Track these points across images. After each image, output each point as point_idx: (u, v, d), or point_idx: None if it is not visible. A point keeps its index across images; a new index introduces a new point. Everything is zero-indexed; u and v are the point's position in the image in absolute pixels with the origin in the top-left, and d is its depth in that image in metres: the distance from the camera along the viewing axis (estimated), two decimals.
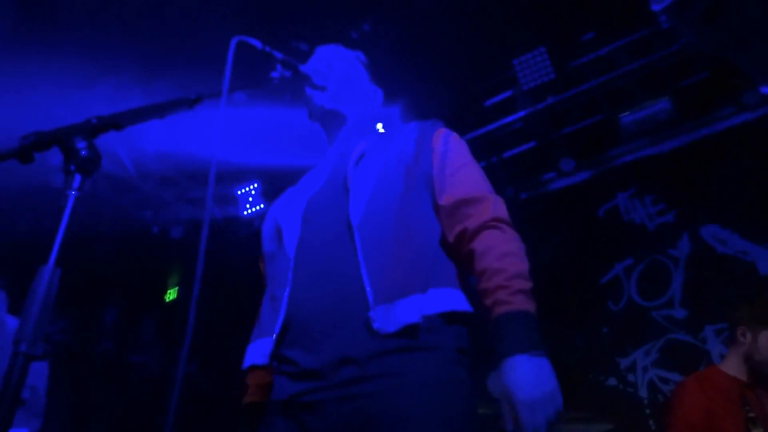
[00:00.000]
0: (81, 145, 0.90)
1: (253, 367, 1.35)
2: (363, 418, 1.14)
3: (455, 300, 1.27)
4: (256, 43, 1.37)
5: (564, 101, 4.47)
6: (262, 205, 5.30)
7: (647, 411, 3.93)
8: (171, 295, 6.30)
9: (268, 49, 1.40)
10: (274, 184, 5.23)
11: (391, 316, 1.18)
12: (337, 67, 1.64)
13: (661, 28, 3.96)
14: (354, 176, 1.41)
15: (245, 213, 5.37)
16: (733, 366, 2.57)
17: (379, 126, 1.71)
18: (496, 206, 1.35)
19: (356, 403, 1.16)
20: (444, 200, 1.38)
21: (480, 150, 4.79)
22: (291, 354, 1.27)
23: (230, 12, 3.54)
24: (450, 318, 1.25)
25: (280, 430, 1.24)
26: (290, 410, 1.24)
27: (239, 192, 5.39)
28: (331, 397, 1.18)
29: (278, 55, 1.42)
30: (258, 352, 1.35)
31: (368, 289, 1.22)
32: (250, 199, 5.35)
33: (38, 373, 3.23)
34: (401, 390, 1.14)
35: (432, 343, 1.20)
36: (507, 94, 4.68)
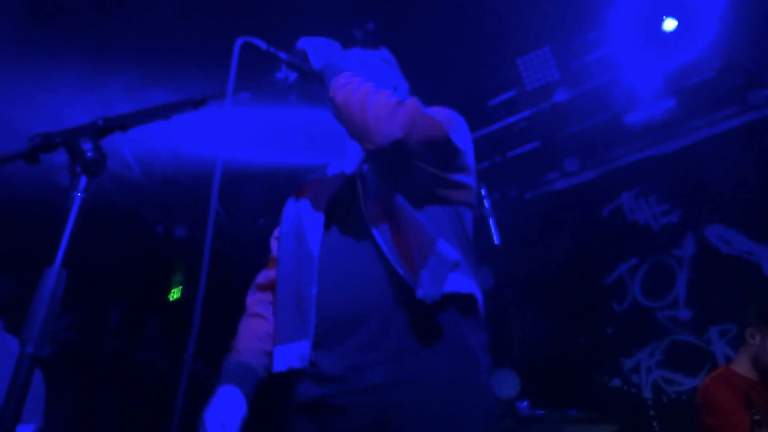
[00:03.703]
0: (87, 146, 0.90)
1: (289, 371, 1.32)
2: (384, 422, 1.17)
3: (467, 284, 1.30)
4: (261, 44, 1.37)
5: (568, 101, 4.46)
6: (264, 205, 5.32)
7: (651, 412, 3.92)
8: (175, 293, 6.32)
9: (272, 50, 1.40)
10: (278, 184, 5.24)
11: (438, 283, 1.19)
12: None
13: None
14: (363, 175, 1.44)
15: (248, 212, 5.39)
16: (743, 366, 2.58)
17: None
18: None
19: (378, 409, 1.18)
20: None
21: (484, 149, 4.78)
22: (315, 356, 1.29)
23: (235, 12, 3.55)
24: (466, 303, 1.28)
25: (303, 430, 1.28)
26: (313, 412, 1.27)
27: (243, 191, 5.41)
28: (354, 403, 1.21)
29: (283, 56, 1.43)
30: (293, 354, 1.32)
31: (402, 272, 1.23)
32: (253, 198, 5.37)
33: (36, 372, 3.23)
34: (422, 398, 1.16)
35: (454, 342, 1.22)
36: (511, 93, 4.67)
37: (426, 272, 1.20)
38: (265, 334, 1.49)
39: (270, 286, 1.59)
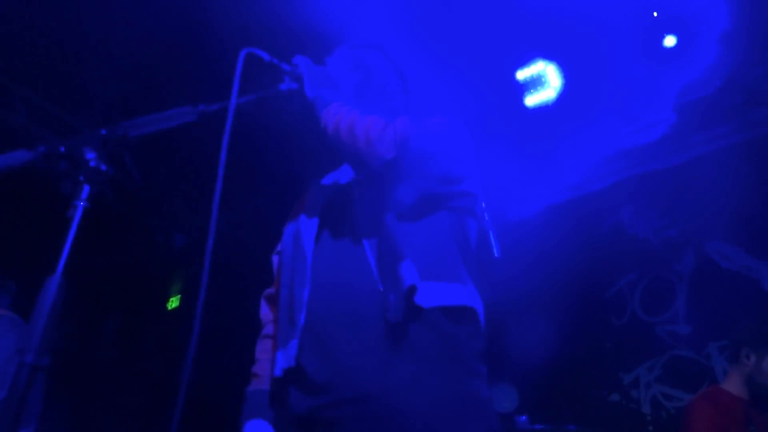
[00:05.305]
0: (90, 155, 0.91)
1: (283, 377, 1.32)
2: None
3: (463, 296, 1.28)
4: (264, 56, 1.38)
5: (568, 115, 4.48)
6: (265, 214, 5.33)
7: (650, 428, 3.89)
8: (173, 303, 6.30)
9: (275, 61, 1.41)
10: (278, 194, 5.25)
11: (398, 306, 1.19)
12: (343, 81, 1.60)
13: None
14: (360, 182, 1.43)
15: (248, 221, 5.40)
16: (735, 385, 2.55)
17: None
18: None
19: (371, 422, 1.16)
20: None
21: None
22: (306, 363, 1.27)
23: (238, 22, 3.57)
24: (461, 314, 1.26)
25: None
26: (306, 423, 1.25)
27: (244, 201, 5.42)
28: (348, 413, 1.18)
29: (286, 67, 1.44)
30: (283, 357, 1.32)
31: (382, 289, 1.22)
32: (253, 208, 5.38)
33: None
34: (417, 408, 1.14)
35: (447, 350, 1.21)
36: (511, 107, 4.68)
37: (392, 295, 1.21)
38: None
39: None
